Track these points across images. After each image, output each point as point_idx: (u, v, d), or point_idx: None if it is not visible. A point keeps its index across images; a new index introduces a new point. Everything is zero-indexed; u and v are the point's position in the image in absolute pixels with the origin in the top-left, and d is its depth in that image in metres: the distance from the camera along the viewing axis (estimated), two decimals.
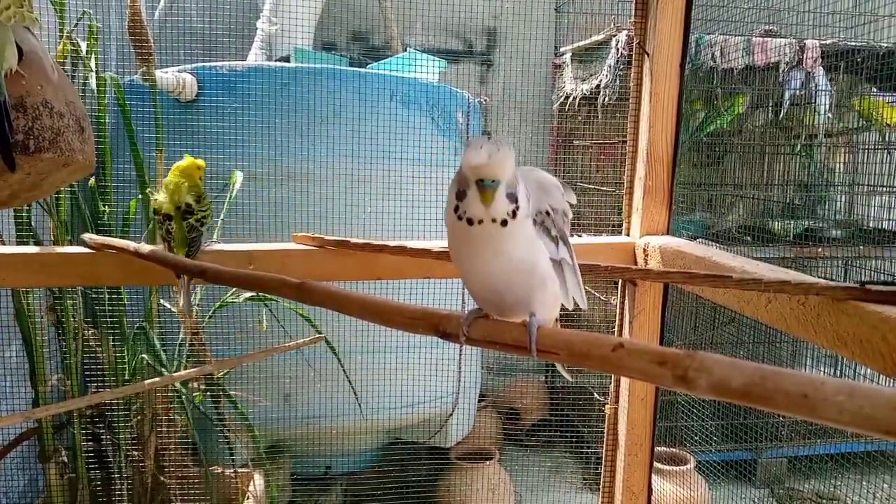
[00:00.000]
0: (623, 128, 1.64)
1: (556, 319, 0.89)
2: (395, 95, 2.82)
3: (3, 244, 2.02)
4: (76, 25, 2.09)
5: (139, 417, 2.26)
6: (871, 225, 3.74)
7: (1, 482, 2.37)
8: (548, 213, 0.80)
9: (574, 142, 3.91)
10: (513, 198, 0.73)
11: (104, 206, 2.17)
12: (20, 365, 2.39)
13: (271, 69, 2.73)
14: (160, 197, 1.31)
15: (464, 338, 0.79)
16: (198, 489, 2.31)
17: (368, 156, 2.73)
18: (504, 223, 0.73)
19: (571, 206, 0.86)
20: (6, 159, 0.93)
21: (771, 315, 1.00)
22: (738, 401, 0.60)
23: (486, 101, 3.62)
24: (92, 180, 2.15)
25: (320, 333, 1.97)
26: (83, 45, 2.11)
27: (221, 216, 2.23)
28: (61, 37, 2.01)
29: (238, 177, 2.22)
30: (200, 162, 1.32)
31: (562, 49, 3.96)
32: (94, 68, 2.12)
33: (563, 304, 0.87)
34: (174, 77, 2.56)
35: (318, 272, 1.33)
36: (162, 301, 2.30)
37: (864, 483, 3.38)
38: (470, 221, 0.73)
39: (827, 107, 3.38)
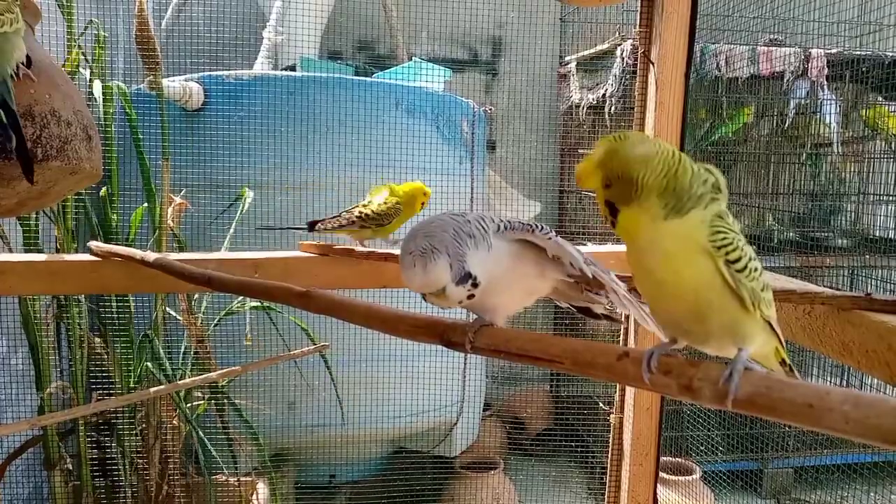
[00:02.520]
0: None
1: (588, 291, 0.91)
2: (401, 104, 2.83)
3: (11, 252, 2.03)
4: (82, 34, 2.10)
5: (144, 425, 2.27)
6: (877, 234, 3.73)
7: (6, 489, 2.37)
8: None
9: (580, 151, 3.91)
10: (466, 277, 0.76)
11: (113, 213, 2.18)
12: (26, 372, 2.40)
13: (277, 78, 2.74)
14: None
15: (469, 346, 0.80)
16: (202, 497, 2.30)
17: (374, 164, 2.74)
18: (470, 296, 0.77)
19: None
20: (26, 171, 0.94)
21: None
22: (743, 410, 0.60)
23: (490, 110, 3.62)
24: (104, 190, 2.16)
25: (315, 343, 1.97)
26: (90, 54, 2.13)
27: (232, 229, 2.24)
28: (69, 45, 2.02)
29: (248, 194, 2.23)
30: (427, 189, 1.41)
31: (567, 58, 3.97)
32: (97, 76, 2.14)
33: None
34: (181, 86, 2.57)
35: (324, 280, 1.33)
36: (167, 309, 2.30)
37: (871, 494, 3.36)
38: (444, 307, 0.79)
39: (835, 117, 3.38)
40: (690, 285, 0.64)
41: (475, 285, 0.76)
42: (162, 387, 1.98)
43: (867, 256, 3.54)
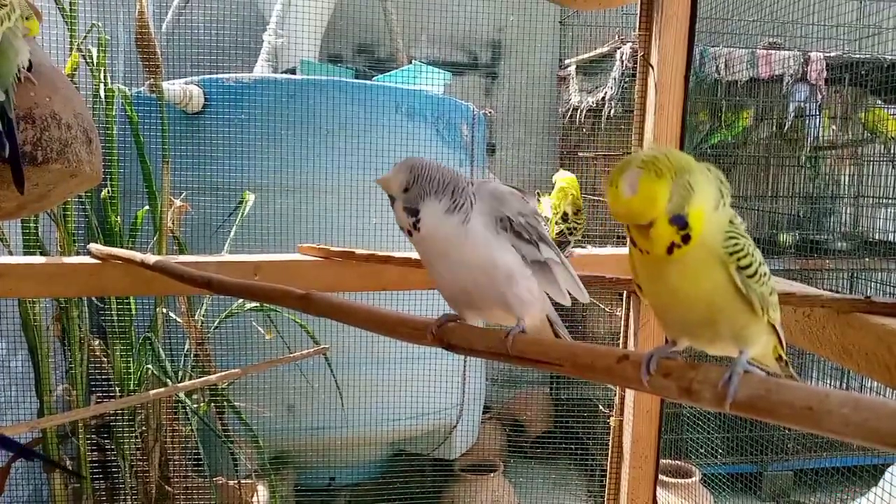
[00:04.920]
0: (628, 140, 1.65)
1: (552, 322, 0.90)
2: (401, 107, 2.83)
3: (11, 254, 2.03)
4: (86, 37, 2.11)
5: (144, 428, 2.26)
6: (876, 237, 3.73)
7: (6, 492, 2.37)
8: (510, 219, 0.82)
9: (579, 154, 3.92)
10: (412, 211, 0.80)
11: (114, 216, 2.18)
12: (26, 375, 2.40)
13: (277, 81, 2.74)
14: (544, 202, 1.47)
15: (430, 336, 0.82)
16: (202, 500, 2.30)
17: (373, 167, 2.74)
18: (409, 233, 0.81)
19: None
20: (17, 181, 0.94)
21: None
22: (743, 413, 0.60)
23: (490, 113, 3.63)
24: (105, 191, 2.17)
25: (319, 345, 1.97)
26: (92, 57, 2.13)
27: (232, 233, 2.24)
28: (71, 49, 2.03)
29: (250, 197, 2.23)
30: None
31: (566, 61, 3.98)
32: (103, 80, 2.14)
33: (562, 303, 0.89)
34: (181, 89, 2.57)
35: (324, 283, 1.33)
36: (167, 312, 2.30)
37: (870, 496, 3.35)
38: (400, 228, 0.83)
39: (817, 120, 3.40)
40: (704, 292, 0.64)
41: (415, 227, 0.80)
42: (161, 389, 1.98)
43: (867, 259, 3.54)
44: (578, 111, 3.69)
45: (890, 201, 3.55)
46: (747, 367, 0.61)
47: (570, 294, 0.88)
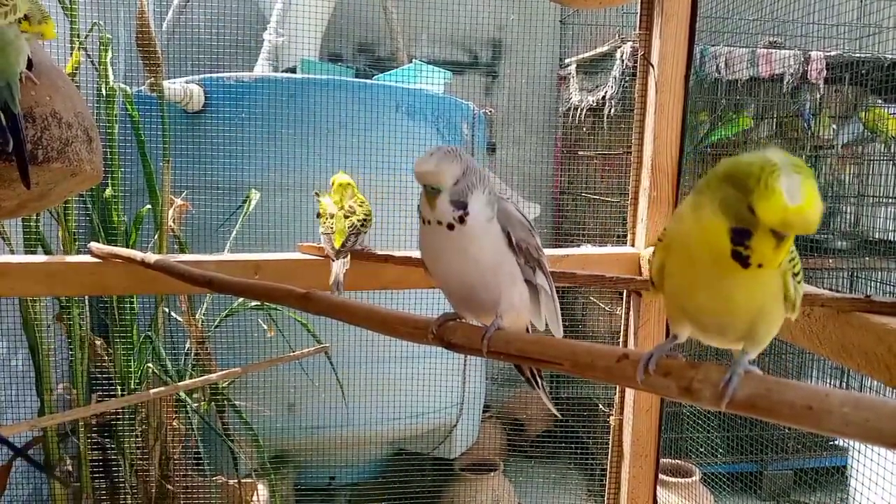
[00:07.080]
0: (628, 139, 1.65)
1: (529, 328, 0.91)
2: (401, 106, 2.83)
3: (13, 253, 2.03)
4: (87, 36, 2.11)
5: (144, 426, 2.27)
6: (877, 236, 3.73)
7: (6, 491, 2.37)
8: (514, 239, 0.83)
9: (579, 153, 3.92)
10: (460, 205, 0.77)
11: (117, 215, 2.18)
12: (26, 374, 2.40)
13: (278, 80, 2.74)
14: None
15: (431, 335, 0.81)
16: (202, 499, 2.30)
17: (374, 166, 2.74)
18: (451, 227, 0.77)
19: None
20: (23, 176, 0.94)
21: None
22: (743, 412, 0.60)
23: (490, 112, 3.63)
24: (108, 190, 2.17)
25: (321, 343, 1.97)
26: (92, 56, 2.13)
27: (235, 230, 2.24)
28: (73, 47, 2.03)
29: (255, 195, 2.24)
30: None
31: (567, 60, 3.98)
32: (105, 79, 2.14)
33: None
34: (181, 88, 2.57)
35: (324, 282, 1.33)
36: (168, 310, 2.30)
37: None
38: (424, 221, 0.80)
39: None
40: (759, 300, 0.61)
41: (462, 220, 0.77)
42: (162, 388, 1.98)
43: (867, 259, 3.54)
44: (578, 110, 3.69)
45: (890, 200, 3.55)
46: (748, 366, 0.61)
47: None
